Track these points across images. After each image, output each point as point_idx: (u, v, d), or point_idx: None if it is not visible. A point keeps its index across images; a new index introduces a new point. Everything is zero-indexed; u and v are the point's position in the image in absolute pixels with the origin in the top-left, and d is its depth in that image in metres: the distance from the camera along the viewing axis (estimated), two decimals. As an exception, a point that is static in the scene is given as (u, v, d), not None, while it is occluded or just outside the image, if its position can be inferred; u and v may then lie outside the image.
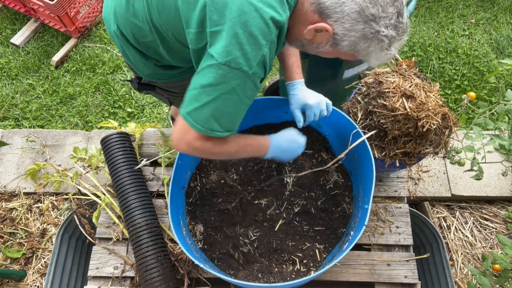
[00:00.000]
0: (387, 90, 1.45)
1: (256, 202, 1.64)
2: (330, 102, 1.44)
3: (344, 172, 1.64)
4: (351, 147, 1.33)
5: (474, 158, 1.55)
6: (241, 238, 1.57)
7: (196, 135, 1.09)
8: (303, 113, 1.45)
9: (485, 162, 1.57)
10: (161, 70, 1.38)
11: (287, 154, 1.36)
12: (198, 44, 1.02)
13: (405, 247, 1.65)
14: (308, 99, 1.40)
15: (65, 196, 2.14)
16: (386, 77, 1.50)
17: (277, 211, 1.64)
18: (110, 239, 1.69)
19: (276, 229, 1.60)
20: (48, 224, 2.18)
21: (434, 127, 1.40)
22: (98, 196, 1.75)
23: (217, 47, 0.96)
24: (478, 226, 2.11)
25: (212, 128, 1.06)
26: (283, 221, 1.63)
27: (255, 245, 1.57)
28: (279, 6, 0.97)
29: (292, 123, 1.51)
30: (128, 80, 1.59)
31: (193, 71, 1.07)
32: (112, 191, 1.79)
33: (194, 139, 1.10)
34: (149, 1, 1.12)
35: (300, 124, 1.44)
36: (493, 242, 2.06)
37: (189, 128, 1.07)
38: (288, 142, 1.33)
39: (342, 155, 1.33)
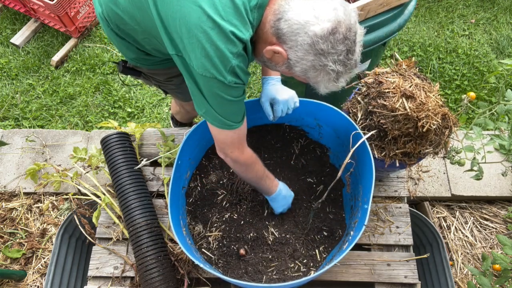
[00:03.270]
0: (387, 90, 1.45)
1: (256, 202, 1.64)
2: (297, 100, 1.50)
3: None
4: (353, 149, 1.32)
5: (474, 158, 1.55)
6: (241, 238, 1.57)
7: (234, 141, 1.26)
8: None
9: (485, 162, 1.57)
10: (143, 55, 1.42)
11: (280, 206, 1.56)
12: (172, 50, 1.11)
13: (405, 247, 1.65)
14: (277, 94, 1.46)
15: (65, 196, 2.14)
16: (386, 77, 1.50)
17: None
18: (110, 239, 1.69)
19: (276, 229, 1.60)
20: (48, 224, 2.18)
21: (434, 127, 1.40)
22: (98, 196, 1.75)
23: (192, 58, 1.05)
24: (478, 226, 2.11)
25: (225, 124, 1.18)
26: (283, 221, 1.63)
27: (255, 245, 1.57)
28: (241, 25, 1.03)
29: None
30: (115, 62, 1.62)
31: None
32: (112, 191, 1.79)
33: (234, 146, 1.28)
34: None
35: (270, 117, 1.50)
36: (493, 242, 2.06)
37: (215, 128, 1.22)
38: (284, 196, 1.54)
39: (347, 159, 1.32)
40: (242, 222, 1.61)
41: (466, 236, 2.07)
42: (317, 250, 1.55)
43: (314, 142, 1.75)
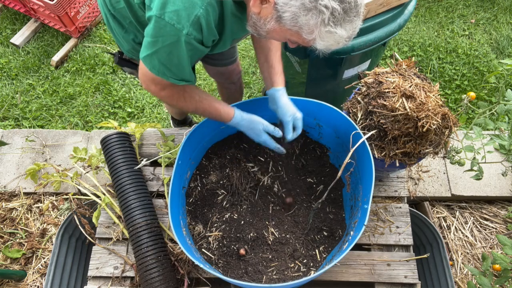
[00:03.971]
0: (387, 90, 1.45)
1: (256, 202, 1.64)
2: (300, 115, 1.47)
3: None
4: (353, 149, 1.32)
5: (474, 158, 1.55)
6: (241, 238, 1.57)
7: (155, 79, 1.19)
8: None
9: (485, 162, 1.57)
10: (139, 47, 1.40)
11: (250, 132, 1.44)
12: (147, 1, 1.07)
13: (405, 247, 1.65)
14: (296, 112, 1.44)
15: (65, 196, 2.14)
16: (386, 77, 1.50)
17: (277, 212, 1.64)
18: (110, 239, 1.69)
19: (276, 229, 1.60)
20: (48, 224, 2.18)
21: (434, 127, 1.40)
22: (98, 196, 1.75)
23: (155, 0, 1.00)
24: (478, 226, 2.11)
25: (165, 74, 1.15)
26: (283, 221, 1.63)
27: (255, 245, 1.56)
28: None
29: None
30: (111, 53, 1.62)
31: None
32: (112, 191, 1.79)
33: (154, 83, 1.21)
34: None
35: (289, 136, 1.46)
36: (493, 242, 2.06)
37: (148, 71, 1.17)
38: (248, 121, 1.43)
39: (346, 159, 1.32)
40: (242, 222, 1.60)
41: (466, 236, 2.07)
42: (317, 250, 1.55)
43: (314, 142, 1.75)
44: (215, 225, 1.61)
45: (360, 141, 1.34)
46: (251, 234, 1.57)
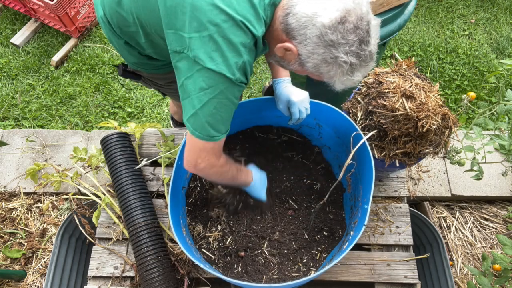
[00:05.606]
0: (387, 90, 1.45)
1: (255, 202, 1.64)
2: (308, 102, 1.47)
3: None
4: (353, 151, 1.32)
5: (474, 158, 1.55)
6: (241, 238, 1.57)
7: (206, 146, 1.15)
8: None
9: (485, 162, 1.57)
10: (145, 60, 1.39)
11: (261, 189, 1.52)
12: (177, 47, 1.04)
13: (405, 247, 1.65)
14: (291, 95, 1.42)
15: (65, 196, 2.14)
16: (386, 77, 1.50)
17: (277, 211, 1.64)
18: (110, 239, 1.69)
19: (275, 229, 1.60)
20: (48, 224, 2.18)
21: (434, 127, 1.40)
22: (98, 196, 1.75)
23: (200, 52, 1.00)
24: (478, 226, 2.11)
25: (209, 134, 1.11)
26: (283, 221, 1.63)
27: (255, 245, 1.56)
28: (255, 20, 1.01)
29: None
30: (115, 65, 1.61)
31: None
32: (112, 191, 1.79)
33: (208, 152, 1.17)
34: None
35: (291, 122, 1.47)
36: (493, 242, 2.06)
37: (193, 138, 1.13)
38: (259, 178, 1.51)
39: (347, 161, 1.32)
40: (242, 222, 1.60)
41: (466, 236, 2.07)
42: (317, 250, 1.55)
43: (313, 142, 1.75)
44: (215, 225, 1.61)
45: (361, 142, 1.34)
46: (251, 234, 1.57)
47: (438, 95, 1.47)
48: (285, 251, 1.55)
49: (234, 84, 1.05)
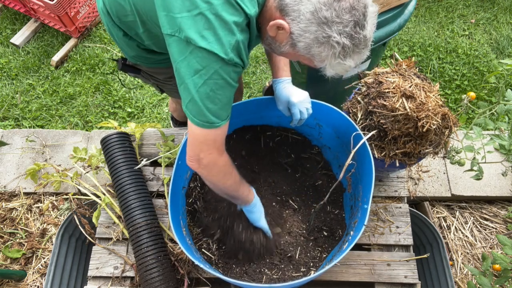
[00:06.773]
0: (387, 90, 1.45)
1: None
2: (310, 102, 1.45)
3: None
4: (353, 151, 1.32)
5: (474, 158, 1.55)
6: (240, 238, 1.57)
7: (208, 136, 1.11)
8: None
9: (485, 162, 1.57)
10: (144, 53, 1.39)
11: (259, 213, 1.45)
12: (168, 29, 1.01)
13: (405, 247, 1.65)
14: (291, 96, 1.41)
15: (65, 196, 2.14)
16: (386, 77, 1.50)
17: (277, 211, 1.64)
18: (110, 239, 1.69)
19: (275, 229, 1.60)
20: (48, 224, 2.18)
21: (434, 127, 1.40)
22: (98, 196, 1.75)
23: (191, 32, 0.97)
24: (478, 226, 2.11)
25: (208, 120, 1.08)
26: (283, 221, 1.63)
27: (255, 245, 1.56)
28: (248, 0, 0.99)
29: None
30: (114, 59, 1.60)
31: None
32: (112, 191, 1.79)
33: (209, 145, 1.13)
34: None
35: (293, 123, 1.46)
36: (493, 242, 2.06)
37: (194, 129, 1.10)
38: (260, 202, 1.45)
39: (348, 161, 1.32)
40: (242, 222, 1.60)
41: (466, 236, 2.07)
42: (317, 250, 1.55)
43: (313, 142, 1.75)
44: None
45: (361, 142, 1.34)
46: (251, 234, 1.57)
47: (438, 95, 1.47)
48: (285, 251, 1.55)
49: (228, 64, 1.02)
